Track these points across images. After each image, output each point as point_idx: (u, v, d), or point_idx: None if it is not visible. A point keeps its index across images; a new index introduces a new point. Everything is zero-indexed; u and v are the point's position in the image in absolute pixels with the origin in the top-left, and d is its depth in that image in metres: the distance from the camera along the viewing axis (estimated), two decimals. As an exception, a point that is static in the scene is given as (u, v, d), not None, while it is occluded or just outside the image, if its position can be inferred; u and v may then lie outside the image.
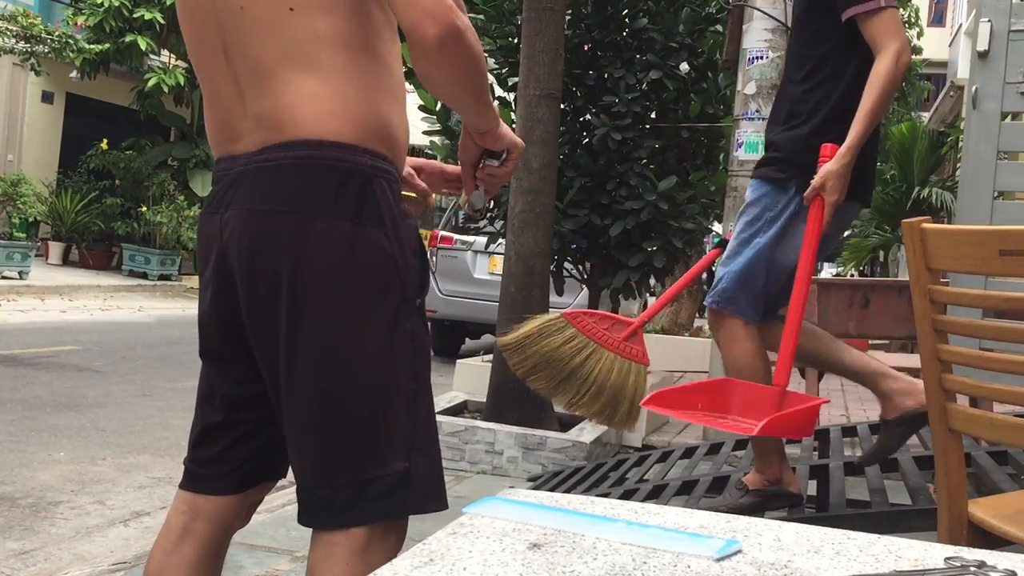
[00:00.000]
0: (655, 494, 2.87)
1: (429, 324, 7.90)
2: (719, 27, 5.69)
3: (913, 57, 18.85)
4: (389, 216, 1.27)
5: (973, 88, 3.39)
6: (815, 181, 2.37)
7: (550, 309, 4.90)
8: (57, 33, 14.25)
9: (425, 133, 6.47)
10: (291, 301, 1.24)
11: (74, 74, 14.44)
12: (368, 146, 1.26)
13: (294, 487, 1.34)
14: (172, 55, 15.16)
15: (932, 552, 0.79)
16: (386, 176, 1.29)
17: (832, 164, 2.36)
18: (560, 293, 5.90)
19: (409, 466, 1.27)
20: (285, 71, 1.26)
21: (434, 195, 1.61)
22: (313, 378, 1.26)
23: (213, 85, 1.34)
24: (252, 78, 1.28)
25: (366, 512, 1.26)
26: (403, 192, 1.38)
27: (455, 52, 1.22)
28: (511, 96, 5.78)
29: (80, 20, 14.43)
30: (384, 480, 1.26)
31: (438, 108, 5.77)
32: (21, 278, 11.94)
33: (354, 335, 1.25)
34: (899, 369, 2.56)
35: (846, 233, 18.08)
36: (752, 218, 2.54)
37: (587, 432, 4.46)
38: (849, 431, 3.36)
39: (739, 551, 0.78)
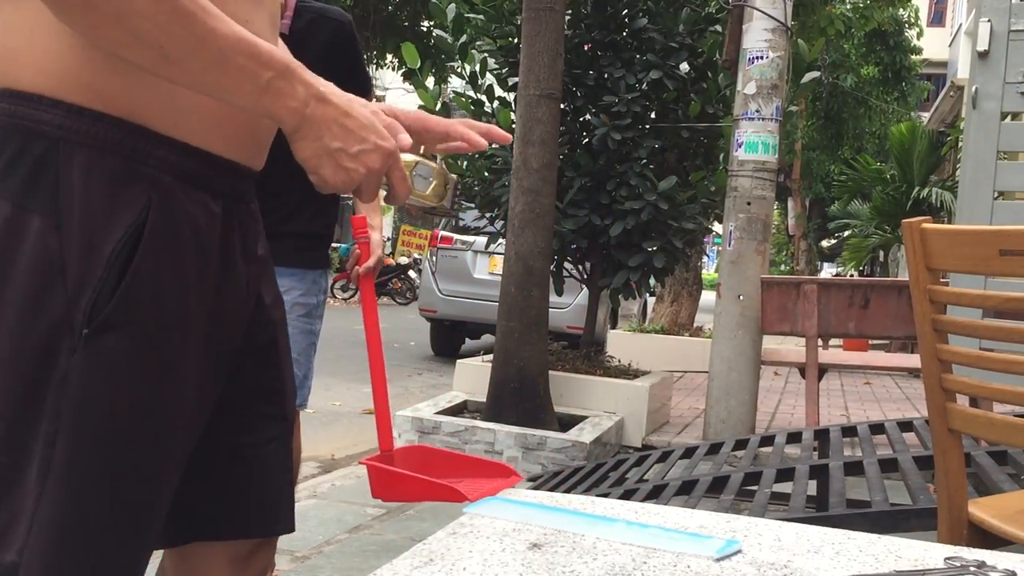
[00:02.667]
0: (655, 494, 2.87)
1: (431, 323, 7.71)
2: (719, 27, 5.70)
3: (913, 57, 18.90)
4: (72, 201, 0.87)
5: (973, 88, 3.39)
6: (378, 252, 2.42)
7: (550, 309, 4.92)
8: (57, 33, 14.26)
9: (425, 133, 6.45)
10: None
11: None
12: (63, 97, 0.87)
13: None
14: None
15: (932, 552, 0.79)
16: (93, 143, 0.87)
17: (379, 236, 2.44)
18: (560, 293, 5.90)
19: (18, 561, 0.87)
20: None
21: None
22: None
23: None
24: None
25: None
26: (420, 160, 1.04)
27: None
28: (511, 96, 5.78)
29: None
30: None
31: (438, 108, 5.77)
32: (21, 278, 11.95)
33: None
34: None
35: (846, 233, 18.10)
36: (312, 309, 2.48)
37: (587, 432, 4.46)
38: (849, 431, 3.36)
39: (739, 551, 0.78)
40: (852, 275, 16.58)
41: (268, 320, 1.10)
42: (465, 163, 5.96)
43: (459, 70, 5.97)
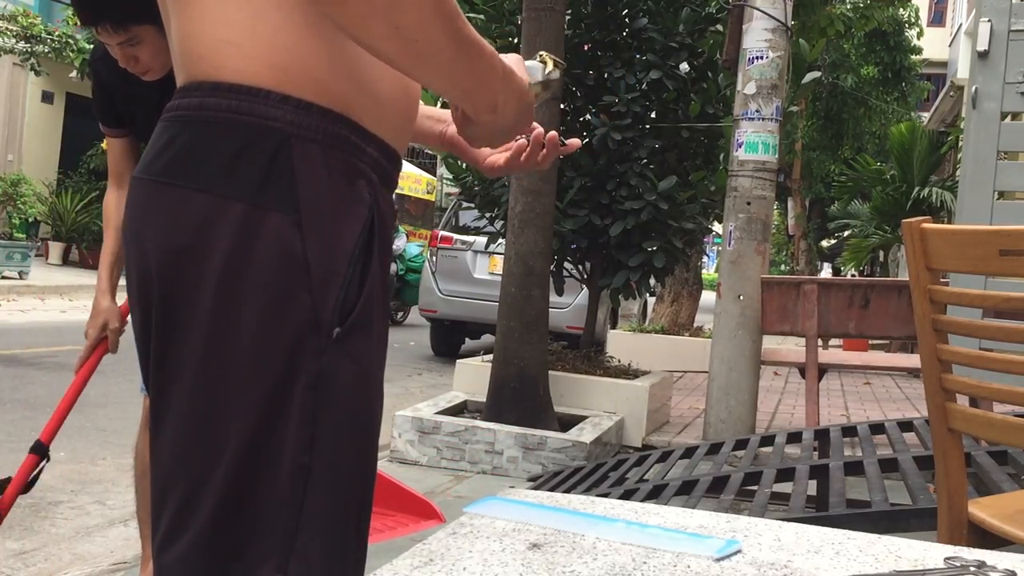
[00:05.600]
0: (655, 494, 2.87)
1: (432, 325, 7.70)
2: (719, 27, 5.69)
3: (913, 57, 18.90)
4: (311, 198, 0.85)
5: (973, 88, 3.39)
6: None
7: (550, 309, 4.92)
8: (57, 33, 14.29)
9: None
10: (158, 311, 0.87)
11: (74, 74, 14.46)
12: (291, 92, 0.85)
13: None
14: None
15: (932, 552, 0.79)
16: (323, 139, 0.86)
17: None
18: (560, 293, 5.90)
19: None
20: None
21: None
22: (167, 429, 0.87)
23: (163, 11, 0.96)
24: None
25: None
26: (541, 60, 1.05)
27: None
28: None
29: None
30: None
31: (437, 107, 5.77)
32: (21, 278, 11.94)
33: (216, 376, 0.84)
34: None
35: (846, 233, 18.09)
36: None
37: (587, 432, 4.46)
38: (849, 431, 3.36)
39: (739, 551, 0.78)
40: (852, 275, 16.57)
41: None
42: (465, 163, 5.95)
43: (459, 70, 5.96)
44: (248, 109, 0.84)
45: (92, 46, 2.20)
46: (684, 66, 5.76)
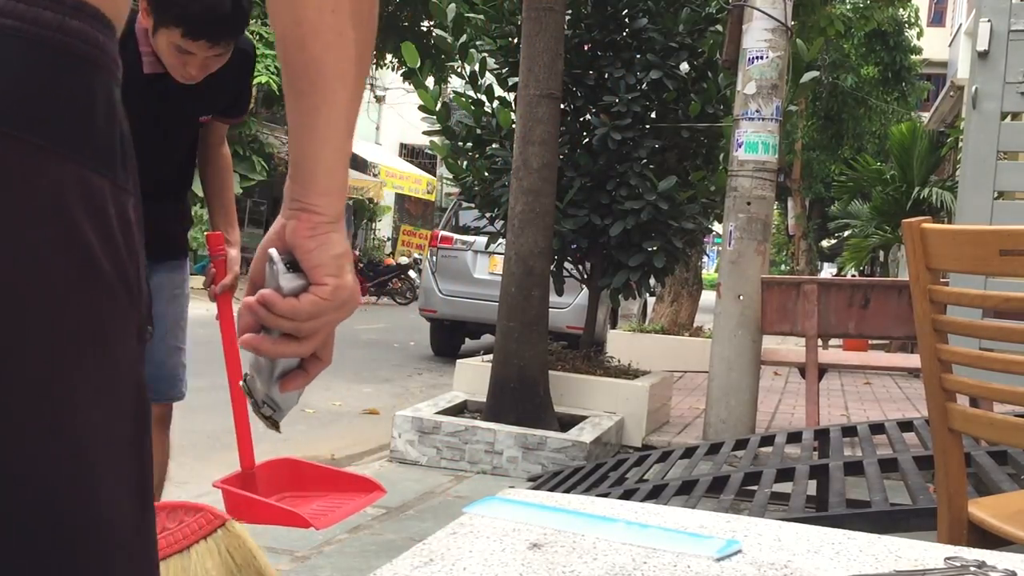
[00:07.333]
0: (655, 494, 2.87)
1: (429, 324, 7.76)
2: (719, 27, 5.70)
3: (913, 57, 18.93)
4: (133, 166, 0.62)
5: (973, 88, 3.40)
6: (235, 270, 2.34)
7: (550, 309, 4.92)
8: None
9: (425, 133, 6.45)
10: None
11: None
12: (111, 16, 0.60)
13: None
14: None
15: (932, 552, 0.79)
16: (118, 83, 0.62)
17: (236, 252, 2.37)
18: (560, 293, 5.90)
19: None
20: None
21: None
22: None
23: None
24: None
25: None
26: None
27: None
28: (511, 96, 5.78)
29: (80, 20, 14.45)
30: None
31: (438, 108, 5.78)
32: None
33: (64, 407, 0.55)
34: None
35: (846, 233, 18.11)
36: (185, 300, 2.43)
37: (587, 432, 4.46)
38: (849, 431, 3.36)
39: (739, 551, 0.78)
40: (852, 275, 16.58)
41: None
42: (465, 163, 5.96)
43: (459, 70, 5.97)
44: (95, 38, 0.59)
45: None
46: (684, 66, 5.77)
